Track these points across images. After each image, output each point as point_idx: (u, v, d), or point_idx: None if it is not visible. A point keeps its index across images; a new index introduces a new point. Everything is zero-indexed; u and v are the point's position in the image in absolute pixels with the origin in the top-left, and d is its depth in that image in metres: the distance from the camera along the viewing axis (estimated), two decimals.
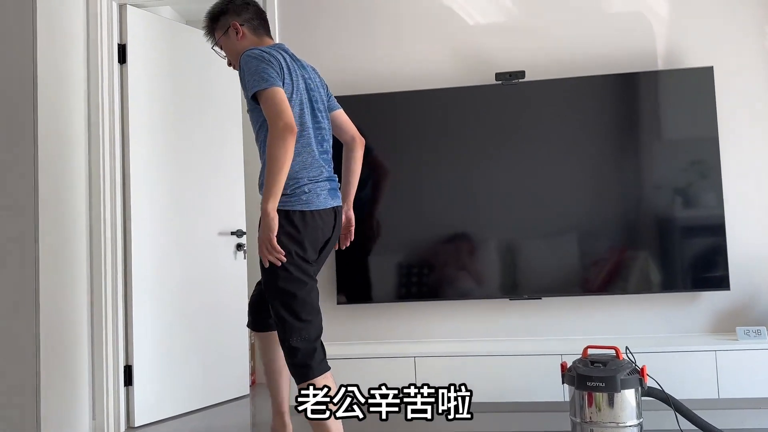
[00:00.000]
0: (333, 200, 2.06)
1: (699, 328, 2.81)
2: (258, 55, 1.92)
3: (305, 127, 2.01)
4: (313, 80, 2.10)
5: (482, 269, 2.84)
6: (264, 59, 1.91)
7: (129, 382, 3.13)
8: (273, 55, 1.94)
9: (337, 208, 2.08)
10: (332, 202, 2.06)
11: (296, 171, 1.98)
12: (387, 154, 2.89)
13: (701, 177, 2.75)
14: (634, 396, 2.20)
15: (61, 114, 2.88)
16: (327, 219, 2.04)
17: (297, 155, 1.97)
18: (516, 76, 2.87)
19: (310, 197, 1.98)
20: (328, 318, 2.99)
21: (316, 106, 2.07)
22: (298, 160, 1.98)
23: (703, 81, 2.75)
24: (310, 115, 2.04)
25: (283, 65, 1.95)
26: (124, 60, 3.21)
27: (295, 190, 1.97)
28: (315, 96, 2.07)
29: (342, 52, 3.06)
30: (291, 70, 1.99)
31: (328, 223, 2.04)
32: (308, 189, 1.99)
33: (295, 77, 2.00)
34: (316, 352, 1.95)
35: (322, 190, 2.03)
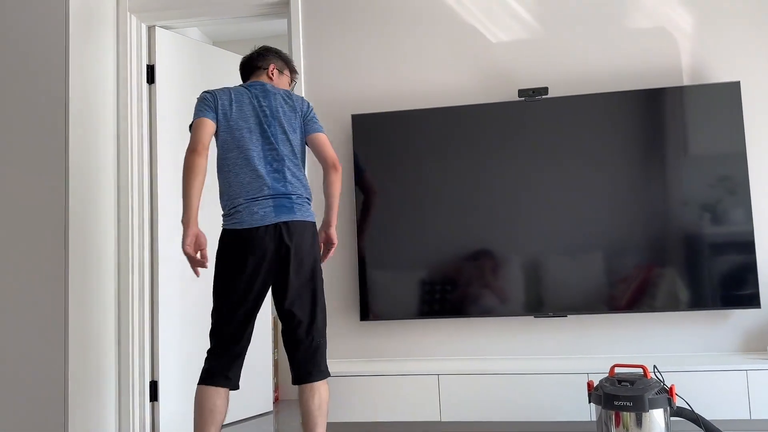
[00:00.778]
0: (278, 216, 2.16)
1: (729, 346, 2.75)
2: (201, 97, 2.26)
3: (244, 150, 2.21)
4: (275, 108, 2.28)
5: (506, 286, 2.82)
6: (202, 99, 2.25)
7: (154, 398, 3.16)
8: (213, 93, 2.26)
9: (286, 223, 2.16)
10: (275, 218, 2.16)
11: (232, 192, 2.20)
12: (410, 171, 2.91)
13: (729, 193, 2.71)
14: (663, 416, 2.16)
15: (90, 133, 2.95)
16: (266, 235, 2.14)
17: (235, 176, 2.20)
18: (539, 92, 2.87)
19: (243, 216, 2.16)
20: (350, 334, 2.99)
21: (270, 130, 2.24)
22: (236, 181, 2.20)
23: (730, 96, 2.72)
24: (258, 137, 2.23)
25: (219, 100, 2.24)
26: (152, 80, 3.28)
27: (229, 211, 2.20)
28: (270, 121, 2.25)
29: (365, 70, 3.09)
30: (234, 102, 2.25)
31: (269, 238, 2.14)
32: (242, 208, 2.17)
33: (238, 108, 2.25)
34: (211, 364, 2.16)
35: (262, 207, 2.16)
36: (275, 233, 2.16)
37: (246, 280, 2.16)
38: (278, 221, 2.16)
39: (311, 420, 2.17)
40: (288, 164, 2.25)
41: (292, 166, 2.26)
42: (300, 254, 2.19)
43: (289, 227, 2.17)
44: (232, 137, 2.23)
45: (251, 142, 2.23)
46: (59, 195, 2.75)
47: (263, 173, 2.20)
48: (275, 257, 2.16)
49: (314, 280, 2.22)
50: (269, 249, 2.15)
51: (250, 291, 2.16)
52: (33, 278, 2.72)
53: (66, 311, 2.70)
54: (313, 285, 2.21)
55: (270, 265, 2.17)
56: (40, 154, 2.77)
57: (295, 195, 2.23)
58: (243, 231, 2.16)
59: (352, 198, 3.04)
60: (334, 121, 3.09)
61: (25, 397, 2.68)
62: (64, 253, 2.72)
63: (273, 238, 2.15)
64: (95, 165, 2.97)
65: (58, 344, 2.69)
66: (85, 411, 2.78)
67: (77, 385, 2.73)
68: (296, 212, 2.20)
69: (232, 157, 2.23)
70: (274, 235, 2.15)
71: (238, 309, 2.17)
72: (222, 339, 2.18)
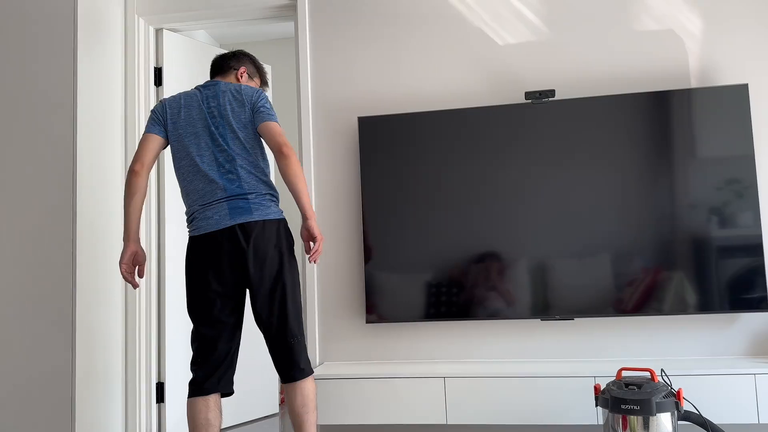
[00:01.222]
0: (233, 218, 2.14)
1: (737, 350, 2.74)
2: (153, 108, 2.32)
3: (192, 156, 2.21)
4: (223, 106, 2.24)
5: (513, 289, 2.82)
6: (152, 111, 2.30)
7: (161, 399, 3.16)
8: (163, 103, 2.29)
9: (242, 225, 2.14)
10: (230, 221, 2.14)
11: (189, 200, 2.23)
12: (417, 173, 2.91)
13: (737, 196, 2.70)
14: (670, 420, 2.14)
15: (99, 135, 2.96)
16: (222, 239, 2.14)
17: (189, 183, 2.22)
18: (546, 95, 2.87)
19: (199, 223, 2.18)
20: (356, 337, 2.99)
21: (218, 131, 2.22)
22: (190, 188, 2.22)
23: (738, 98, 2.71)
24: (207, 140, 2.22)
25: (168, 109, 2.26)
26: (160, 82, 3.29)
27: (188, 219, 2.24)
28: (219, 122, 2.23)
29: (372, 72, 3.09)
30: (184, 107, 2.26)
31: (225, 242, 2.13)
32: (198, 215, 2.19)
33: (186, 113, 2.25)
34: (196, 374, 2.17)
35: (216, 212, 2.16)
36: (231, 236, 2.13)
37: (209, 287, 2.15)
38: (233, 223, 2.14)
39: (296, 419, 2.18)
40: (241, 163, 2.21)
41: (245, 164, 2.22)
42: (260, 255, 2.14)
43: (245, 228, 2.14)
44: (181, 145, 2.23)
45: (199, 147, 2.22)
46: (67, 196, 2.76)
47: (215, 177, 2.19)
48: (235, 260, 2.14)
49: (281, 279, 2.17)
50: (227, 252, 2.13)
51: (217, 297, 2.15)
52: (41, 279, 2.74)
53: (73, 312, 2.71)
54: (280, 285, 2.16)
55: (232, 269, 2.14)
56: (49, 155, 2.79)
57: (252, 194, 2.19)
58: (200, 237, 2.16)
59: (357, 200, 3.04)
60: (341, 123, 3.10)
61: (33, 397, 2.70)
62: (72, 254, 2.74)
63: (230, 241, 2.13)
64: (103, 166, 2.98)
65: (66, 345, 2.70)
66: (92, 412, 2.79)
67: (84, 387, 2.74)
68: (253, 212, 2.16)
69: (184, 165, 2.23)
70: (230, 238, 2.13)
71: (206, 316, 2.16)
72: (199, 348, 2.18)
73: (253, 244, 2.13)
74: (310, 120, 3.12)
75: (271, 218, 2.19)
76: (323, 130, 3.11)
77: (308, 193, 2.30)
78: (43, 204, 2.78)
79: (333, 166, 3.09)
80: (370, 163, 2.95)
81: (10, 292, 2.76)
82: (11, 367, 2.73)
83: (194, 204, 2.21)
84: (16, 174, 2.81)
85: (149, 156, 2.23)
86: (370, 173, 2.94)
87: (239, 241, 2.13)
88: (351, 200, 3.05)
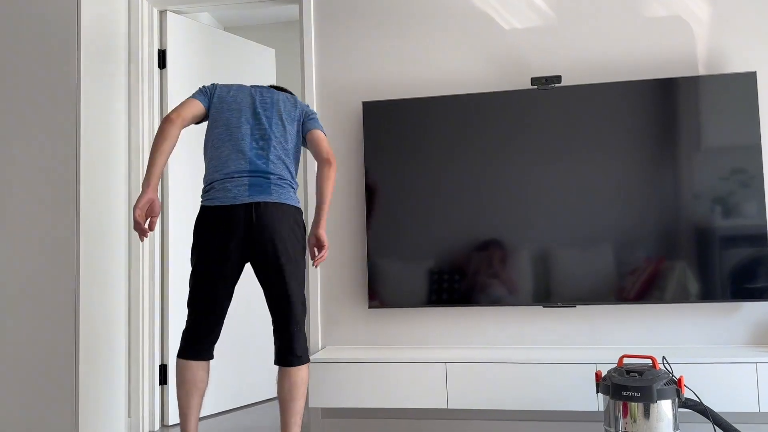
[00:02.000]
0: (251, 196, 2.14)
1: (739, 339, 2.74)
2: (201, 86, 2.52)
3: (230, 126, 2.24)
4: (275, 99, 2.33)
5: (515, 276, 2.82)
6: (200, 87, 2.36)
7: (164, 381, 3.18)
8: (214, 84, 2.36)
9: (259, 204, 2.14)
10: (248, 198, 2.14)
11: (211, 167, 2.22)
12: (421, 159, 2.90)
13: (742, 186, 2.69)
14: (671, 407, 2.15)
15: (102, 118, 2.96)
16: (237, 214, 2.13)
17: (215, 150, 2.22)
18: (552, 80, 2.85)
19: (216, 194, 2.16)
20: (359, 322, 3.00)
21: (264, 114, 2.27)
22: (215, 155, 2.21)
23: (746, 86, 2.69)
24: (249, 117, 2.26)
25: (217, 89, 2.32)
26: (163, 65, 3.28)
27: (206, 187, 2.23)
28: (267, 107, 2.30)
29: (376, 56, 3.07)
30: (234, 89, 2.33)
31: (239, 218, 2.13)
32: (218, 185, 2.17)
33: (236, 94, 2.31)
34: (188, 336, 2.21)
35: (236, 185, 2.15)
36: (246, 213, 2.14)
37: (214, 258, 2.16)
38: (251, 201, 2.14)
39: (282, 403, 2.22)
40: (275, 145, 2.23)
41: (280, 149, 2.24)
42: (272, 236, 2.15)
43: (261, 207, 2.14)
44: (220, 116, 2.25)
45: (240, 120, 2.25)
46: (71, 178, 2.76)
47: (245, 148, 2.20)
48: (246, 237, 2.14)
49: (290, 265, 2.18)
50: (239, 228, 2.13)
51: (219, 269, 2.17)
52: (44, 262, 2.75)
53: (77, 294, 2.72)
54: (290, 265, 2.18)
55: (240, 246, 2.15)
56: (51, 138, 2.78)
57: (275, 175, 2.20)
58: (215, 209, 2.16)
59: (361, 186, 3.04)
60: (345, 108, 3.08)
61: (36, 379, 2.71)
62: (76, 236, 2.74)
63: (243, 219, 2.13)
64: (107, 149, 2.98)
65: (69, 328, 2.71)
66: (96, 394, 2.81)
67: (87, 368, 2.75)
68: (272, 193, 2.17)
69: (217, 132, 2.24)
70: (245, 216, 2.13)
71: (207, 284, 2.18)
72: (194, 311, 2.21)
73: (267, 225, 2.14)
74: (314, 104, 3.10)
75: (289, 203, 2.21)
76: (327, 115, 3.10)
77: None
78: (47, 184, 2.77)
79: (337, 150, 3.08)
80: (374, 148, 2.94)
81: (14, 275, 2.77)
82: (15, 349, 2.74)
83: (215, 173, 2.20)
84: (19, 154, 2.81)
85: (188, 113, 2.23)
86: (374, 158, 2.94)
87: (252, 220, 2.14)
88: (354, 186, 3.05)
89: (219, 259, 2.16)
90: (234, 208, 2.14)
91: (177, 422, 3.20)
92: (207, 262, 2.18)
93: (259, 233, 2.14)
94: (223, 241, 2.15)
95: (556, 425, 2.78)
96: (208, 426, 3.16)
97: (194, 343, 2.21)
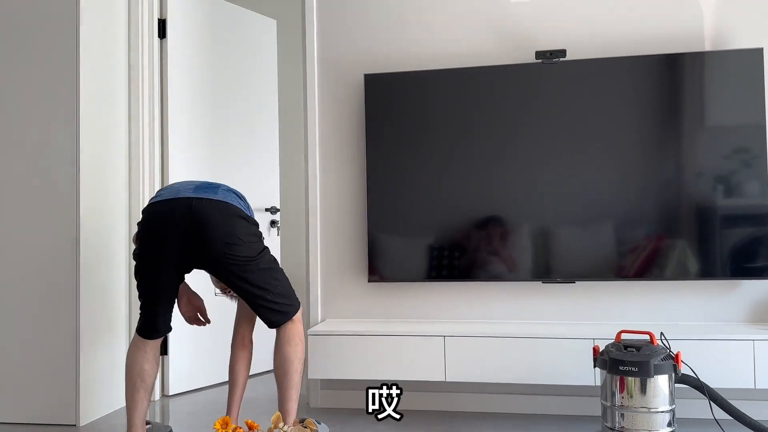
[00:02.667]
0: (195, 192, 2.15)
1: (737, 317, 2.75)
2: None
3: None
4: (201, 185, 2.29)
5: (515, 252, 2.82)
6: None
7: (164, 352, 3.20)
8: None
9: (201, 199, 2.13)
10: (192, 194, 2.15)
11: None
12: (422, 132, 2.88)
13: (745, 165, 2.67)
14: (668, 382, 2.17)
15: (102, 88, 2.93)
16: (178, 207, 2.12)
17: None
18: (556, 54, 2.82)
19: (161, 192, 2.23)
20: (358, 295, 3.01)
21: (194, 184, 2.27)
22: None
23: (751, 63, 2.66)
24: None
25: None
26: (163, 35, 3.24)
27: None
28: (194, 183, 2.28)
29: (378, 28, 3.04)
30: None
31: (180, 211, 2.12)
32: (164, 190, 2.24)
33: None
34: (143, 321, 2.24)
35: (183, 185, 2.20)
36: (187, 205, 2.13)
37: (153, 252, 2.17)
38: (194, 196, 2.14)
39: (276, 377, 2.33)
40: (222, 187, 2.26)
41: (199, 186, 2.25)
42: (214, 223, 2.12)
43: (203, 202, 2.13)
44: None
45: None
46: (70, 147, 2.74)
47: (192, 179, 2.30)
48: (188, 229, 2.12)
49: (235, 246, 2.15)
50: (180, 221, 2.12)
51: (157, 260, 2.17)
52: (45, 238, 2.74)
53: (77, 265, 2.72)
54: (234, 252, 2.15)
55: (183, 237, 2.12)
56: (51, 109, 2.76)
57: (221, 188, 2.22)
58: (156, 203, 2.18)
59: (362, 159, 3.02)
60: (346, 80, 3.05)
61: (37, 350, 2.73)
62: (76, 208, 2.73)
63: (186, 210, 2.12)
64: (106, 120, 2.96)
65: (70, 299, 2.72)
66: (96, 365, 2.83)
67: (88, 340, 2.77)
68: (218, 194, 2.17)
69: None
70: (187, 207, 2.13)
71: (146, 274, 2.20)
72: (142, 299, 2.23)
73: (209, 214, 2.12)
74: (315, 76, 3.07)
75: (234, 204, 2.19)
76: (328, 87, 3.07)
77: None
78: (46, 153, 2.76)
79: (338, 124, 3.06)
80: (375, 121, 2.92)
81: (15, 252, 2.77)
82: (17, 323, 2.75)
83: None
84: (18, 125, 2.79)
85: None
86: (375, 132, 2.92)
87: (194, 211, 2.12)
88: (355, 159, 3.03)
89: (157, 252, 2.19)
90: (176, 201, 2.15)
91: (176, 392, 3.24)
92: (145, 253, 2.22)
93: (200, 223, 2.12)
94: (166, 234, 2.15)
95: (553, 399, 2.80)
96: (209, 396, 3.19)
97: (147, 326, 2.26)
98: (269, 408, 2.94)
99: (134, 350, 2.22)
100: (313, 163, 3.06)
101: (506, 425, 2.64)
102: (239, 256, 2.15)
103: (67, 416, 2.70)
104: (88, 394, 2.76)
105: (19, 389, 2.74)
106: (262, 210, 3.64)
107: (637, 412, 2.16)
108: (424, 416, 2.78)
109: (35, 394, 2.72)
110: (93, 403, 2.79)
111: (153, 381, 2.23)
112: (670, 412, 2.17)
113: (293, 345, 2.27)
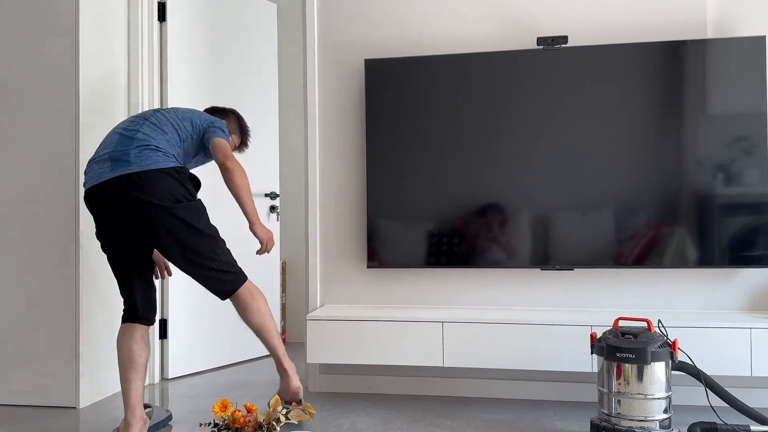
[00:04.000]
0: (112, 171, 2.14)
1: (734, 305, 2.76)
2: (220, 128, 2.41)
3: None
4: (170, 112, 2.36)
5: (514, 239, 2.82)
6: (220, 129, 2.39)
7: (164, 336, 3.22)
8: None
9: (119, 178, 2.12)
10: (109, 174, 2.14)
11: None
12: (422, 118, 2.87)
13: (745, 154, 2.67)
14: (664, 369, 2.18)
15: (102, 71, 2.91)
16: (106, 192, 2.15)
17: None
18: (558, 41, 2.80)
19: (87, 177, 2.21)
20: (357, 280, 3.01)
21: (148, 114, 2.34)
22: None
23: (754, 51, 2.64)
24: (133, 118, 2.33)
25: None
26: (163, 18, 3.22)
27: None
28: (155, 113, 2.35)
29: (380, 13, 3.02)
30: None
31: (107, 195, 2.14)
32: (88, 169, 2.22)
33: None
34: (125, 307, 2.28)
35: (100, 166, 2.18)
36: (109, 190, 2.14)
37: (104, 238, 2.24)
38: (112, 176, 2.14)
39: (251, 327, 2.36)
40: (148, 127, 2.25)
41: (146, 131, 2.23)
42: (138, 205, 2.12)
43: (117, 182, 2.13)
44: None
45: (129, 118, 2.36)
46: (69, 133, 2.74)
47: (119, 129, 2.26)
48: (119, 213, 2.14)
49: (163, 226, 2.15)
50: (110, 205, 2.15)
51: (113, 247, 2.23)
52: (45, 224, 2.74)
53: (77, 248, 2.72)
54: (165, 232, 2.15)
55: (117, 222, 2.16)
56: (50, 92, 2.75)
57: (140, 146, 2.18)
58: (86, 192, 2.21)
59: (361, 144, 3.02)
60: (347, 65, 3.04)
61: (37, 333, 2.74)
62: (75, 191, 2.73)
63: (107, 196, 2.15)
64: (106, 104, 2.95)
65: (70, 281, 2.72)
66: (96, 348, 2.84)
67: (88, 324, 2.78)
68: (132, 164, 2.14)
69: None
70: (107, 193, 2.15)
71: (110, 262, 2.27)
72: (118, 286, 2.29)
73: (129, 197, 2.12)
74: (315, 61, 3.06)
75: (153, 168, 2.15)
76: (329, 72, 3.06)
77: (251, 200, 2.30)
78: (45, 138, 2.75)
79: (338, 109, 3.05)
80: (375, 106, 2.91)
81: (15, 235, 2.77)
82: (18, 307, 2.76)
83: (89, 160, 2.27)
84: (18, 112, 2.78)
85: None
86: (375, 117, 2.91)
87: (116, 194, 2.14)
88: (355, 144, 3.03)
89: (108, 239, 2.24)
90: (105, 185, 2.15)
91: (176, 375, 3.25)
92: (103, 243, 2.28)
93: (126, 207, 2.14)
94: (101, 221, 2.21)
95: (550, 385, 2.82)
96: (208, 379, 3.21)
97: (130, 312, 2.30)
98: (268, 392, 2.97)
99: (120, 335, 2.26)
100: (313, 148, 3.06)
101: (503, 410, 2.66)
102: (178, 217, 2.15)
103: (68, 398, 2.72)
104: (88, 377, 2.77)
105: (19, 372, 2.75)
106: (261, 195, 3.64)
107: (633, 399, 2.17)
108: (421, 401, 2.80)
109: (35, 376, 2.74)
110: (93, 385, 2.81)
111: (144, 361, 2.23)
112: (667, 399, 2.18)
113: (254, 311, 2.31)
